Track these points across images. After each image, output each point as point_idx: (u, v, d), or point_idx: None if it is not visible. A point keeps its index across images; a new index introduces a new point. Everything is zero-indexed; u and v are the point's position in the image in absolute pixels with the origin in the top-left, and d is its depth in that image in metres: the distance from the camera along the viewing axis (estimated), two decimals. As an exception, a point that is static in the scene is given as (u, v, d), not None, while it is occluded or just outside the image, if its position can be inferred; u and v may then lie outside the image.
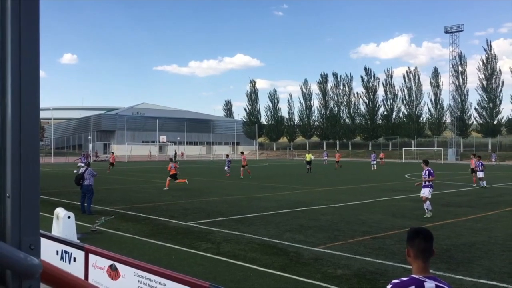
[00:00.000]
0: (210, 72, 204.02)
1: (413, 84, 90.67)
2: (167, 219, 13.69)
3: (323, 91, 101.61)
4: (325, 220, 13.71)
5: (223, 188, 24.05)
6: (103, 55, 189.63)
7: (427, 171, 15.21)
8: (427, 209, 14.52)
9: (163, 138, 78.32)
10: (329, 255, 9.25)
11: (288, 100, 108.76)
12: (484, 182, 24.68)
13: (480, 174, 24.66)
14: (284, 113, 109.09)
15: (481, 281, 7.50)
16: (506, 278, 7.67)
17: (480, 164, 24.89)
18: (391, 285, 2.80)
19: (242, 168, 32.08)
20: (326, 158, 58.59)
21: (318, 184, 26.82)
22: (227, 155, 36.42)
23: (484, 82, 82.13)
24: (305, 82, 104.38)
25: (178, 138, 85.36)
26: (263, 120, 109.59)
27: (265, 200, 18.75)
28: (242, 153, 36.94)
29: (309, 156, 39.24)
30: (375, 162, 45.90)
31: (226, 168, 33.59)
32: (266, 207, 16.46)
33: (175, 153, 61.51)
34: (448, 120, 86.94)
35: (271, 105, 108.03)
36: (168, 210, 15.71)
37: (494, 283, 7.39)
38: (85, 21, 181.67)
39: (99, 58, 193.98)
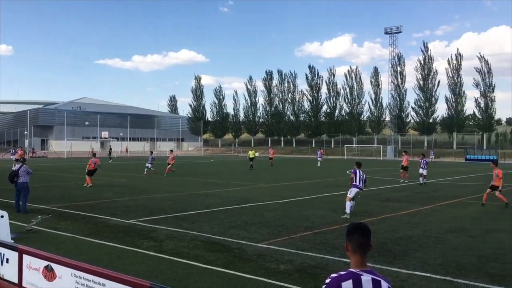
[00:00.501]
0: (154, 67, 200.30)
1: (354, 83, 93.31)
2: (108, 217, 13.33)
3: (268, 88, 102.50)
4: (269, 216, 13.84)
5: (167, 185, 23.72)
6: (41, 47, 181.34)
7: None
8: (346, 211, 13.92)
9: (105, 134, 76.11)
10: (272, 251, 9.35)
11: (234, 97, 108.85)
12: (425, 180, 25.36)
13: (424, 172, 25.31)
14: (230, 109, 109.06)
15: (416, 273, 7.84)
16: (439, 269, 8.06)
17: (425, 162, 25.76)
18: (329, 279, 2.86)
19: (169, 166, 30.32)
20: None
21: (262, 180, 27.04)
22: (151, 152, 33.97)
23: (421, 82, 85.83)
24: (250, 79, 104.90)
25: (121, 134, 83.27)
26: (208, 116, 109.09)
27: (210, 196, 18.68)
28: (171, 151, 33.60)
29: (252, 153, 39.42)
30: (320, 158, 46.64)
31: (148, 165, 31.11)
32: (210, 203, 16.40)
33: (110, 149, 59.82)
34: (388, 118, 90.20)
35: (216, 101, 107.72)
36: (110, 207, 15.29)
37: (428, 274, 7.74)
38: (22, 11, 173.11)
39: (37, 50, 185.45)
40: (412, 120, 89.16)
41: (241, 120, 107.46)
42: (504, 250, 9.65)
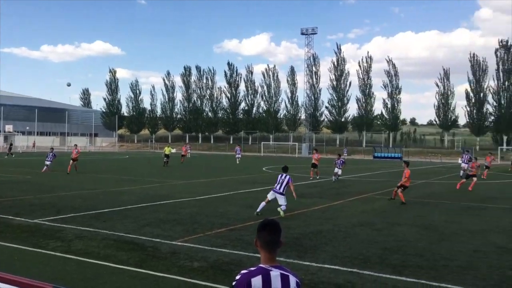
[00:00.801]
0: (66, 58, 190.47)
1: (272, 81, 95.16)
2: (10, 217, 12.45)
3: (186, 84, 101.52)
4: (184, 213, 13.70)
5: (77, 182, 22.65)
6: None
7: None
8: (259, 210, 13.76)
9: (8, 127, 70.99)
10: (186, 248, 9.26)
11: (151, 92, 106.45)
12: (337, 178, 26.17)
13: (339, 172, 26.12)
14: (146, 104, 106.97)
15: (325, 266, 8.15)
16: (346, 262, 8.44)
17: (341, 162, 26.68)
18: (239, 276, 2.88)
19: (71, 162, 28.14)
20: (189, 151, 58.45)
21: (178, 177, 26.72)
22: (52, 148, 31.34)
23: (334, 82, 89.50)
24: (168, 74, 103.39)
25: (28, 127, 78.15)
26: (124, 111, 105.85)
27: (124, 194, 18.11)
28: (75, 145, 30.66)
29: (168, 149, 38.78)
30: (239, 155, 46.33)
31: (47, 162, 28.75)
32: (124, 201, 15.91)
33: (11, 144, 56.02)
34: (303, 117, 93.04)
35: (132, 96, 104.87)
36: (13, 206, 14.30)
37: (336, 267, 8.08)
38: None
39: None
40: (326, 119, 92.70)
41: (158, 115, 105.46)
42: (406, 242, 10.32)
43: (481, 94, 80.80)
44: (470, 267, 8.33)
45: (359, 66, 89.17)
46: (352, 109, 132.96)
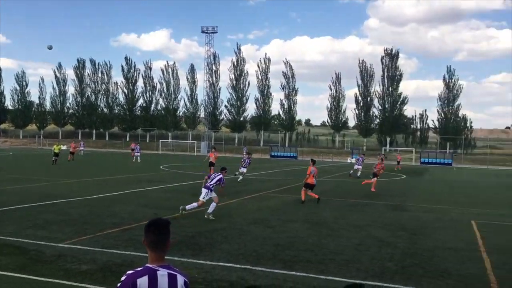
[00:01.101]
0: None
1: (171, 78, 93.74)
2: None
3: (80, 78, 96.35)
4: (74, 213, 12.99)
5: (-50, 181, 20.46)
6: None
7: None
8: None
9: None
10: (75, 250, 8.78)
11: (40, 84, 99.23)
12: (241, 176, 26.35)
13: (244, 170, 26.32)
14: (34, 98, 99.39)
15: (220, 263, 8.21)
16: (240, 259, 8.58)
17: (248, 161, 26.88)
18: (125, 276, 2.80)
19: None
20: (82, 148, 55.56)
21: (70, 175, 25.28)
22: None
23: (234, 82, 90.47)
24: (60, 66, 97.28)
25: None
26: (8, 104, 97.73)
27: (5, 193, 16.72)
28: None
29: (57, 147, 36.42)
30: (138, 153, 44.44)
31: None
32: (5, 201, 14.66)
33: None
34: (202, 115, 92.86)
35: (18, 87, 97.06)
36: None
37: (230, 264, 8.17)
38: None
39: None
40: (225, 118, 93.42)
41: (47, 110, 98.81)
42: (297, 238, 10.74)
43: (368, 98, 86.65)
44: (354, 260, 8.90)
45: (258, 67, 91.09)
46: (250, 109, 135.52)
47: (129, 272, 2.83)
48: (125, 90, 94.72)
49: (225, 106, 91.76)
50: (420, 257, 9.35)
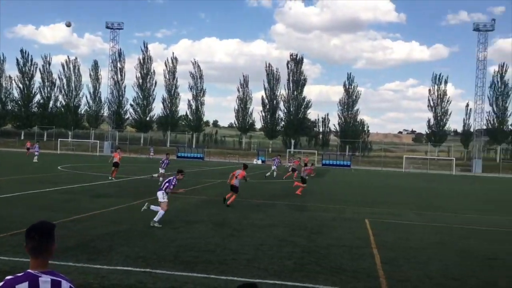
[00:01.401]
0: None
1: (72, 74, 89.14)
2: None
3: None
4: (-45, 218, 11.84)
5: None
6: None
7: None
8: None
9: None
10: (-46, 258, 8.00)
11: None
12: (158, 176, 25.67)
13: (163, 171, 25.42)
14: None
15: (118, 267, 7.92)
16: (140, 262, 8.35)
17: (166, 162, 26.02)
18: (3, 282, 2.62)
19: None
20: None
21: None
22: None
23: (140, 81, 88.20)
24: None
25: None
26: None
27: None
28: None
29: None
30: (37, 152, 41.62)
31: None
32: None
33: None
34: (106, 114, 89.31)
35: None
36: None
37: (129, 268, 7.92)
38: None
39: None
40: (130, 117, 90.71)
41: None
42: (200, 239, 10.70)
43: (274, 101, 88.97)
44: (255, 259, 9.06)
45: (166, 66, 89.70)
46: (157, 109, 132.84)
47: (8, 277, 2.65)
48: (20, 85, 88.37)
49: (131, 105, 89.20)
50: (318, 254, 9.76)
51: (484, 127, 78.00)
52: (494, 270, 9.37)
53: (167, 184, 12.83)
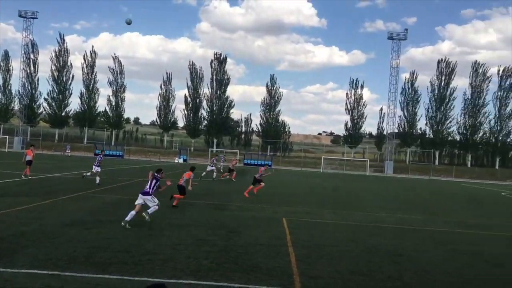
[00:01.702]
0: None
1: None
2: None
3: None
4: None
5: None
6: None
7: None
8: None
9: None
10: None
11: None
12: (93, 175, 24.31)
13: (98, 169, 23.83)
14: None
15: (22, 270, 7.47)
16: (49, 264, 7.93)
17: (100, 159, 24.63)
18: None
19: None
20: None
21: None
22: None
23: (56, 74, 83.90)
24: None
25: None
26: None
27: None
28: None
29: None
30: None
31: None
32: None
33: None
34: (17, 107, 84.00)
35: None
36: None
37: (36, 271, 7.50)
38: None
39: None
40: (44, 112, 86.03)
41: None
42: (115, 240, 10.37)
43: (198, 100, 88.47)
44: (171, 259, 8.95)
45: (84, 59, 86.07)
46: (74, 104, 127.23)
47: None
48: None
49: (45, 99, 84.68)
50: (235, 253, 9.84)
51: (396, 130, 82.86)
52: (400, 266, 9.98)
53: (154, 188, 12.58)
